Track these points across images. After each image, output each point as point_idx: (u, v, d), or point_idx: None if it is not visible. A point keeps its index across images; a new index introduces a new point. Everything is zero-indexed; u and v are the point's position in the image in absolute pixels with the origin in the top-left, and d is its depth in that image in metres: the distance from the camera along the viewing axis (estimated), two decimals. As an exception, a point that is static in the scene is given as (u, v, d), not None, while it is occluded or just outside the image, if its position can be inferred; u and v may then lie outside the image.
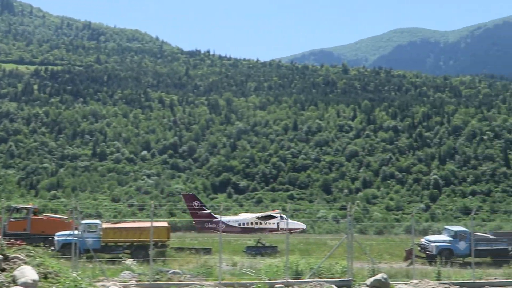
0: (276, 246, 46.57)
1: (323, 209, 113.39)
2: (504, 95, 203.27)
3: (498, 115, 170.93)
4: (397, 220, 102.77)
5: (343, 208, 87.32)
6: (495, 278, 30.49)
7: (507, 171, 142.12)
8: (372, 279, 25.56)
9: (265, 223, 58.56)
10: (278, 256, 38.93)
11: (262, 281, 25.99)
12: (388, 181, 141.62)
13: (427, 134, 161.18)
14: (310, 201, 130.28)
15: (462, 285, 27.82)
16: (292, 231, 56.45)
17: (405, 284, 27.36)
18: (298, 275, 27.84)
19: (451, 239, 44.29)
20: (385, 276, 25.68)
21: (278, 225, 58.79)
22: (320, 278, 27.28)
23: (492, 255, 43.28)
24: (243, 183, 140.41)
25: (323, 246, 45.93)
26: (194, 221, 61.96)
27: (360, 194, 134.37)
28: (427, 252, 43.72)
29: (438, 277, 29.50)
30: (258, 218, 60.14)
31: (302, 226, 63.77)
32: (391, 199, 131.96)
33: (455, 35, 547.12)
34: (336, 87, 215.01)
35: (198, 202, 63.32)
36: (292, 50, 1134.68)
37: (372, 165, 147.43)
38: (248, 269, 30.08)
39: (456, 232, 44.87)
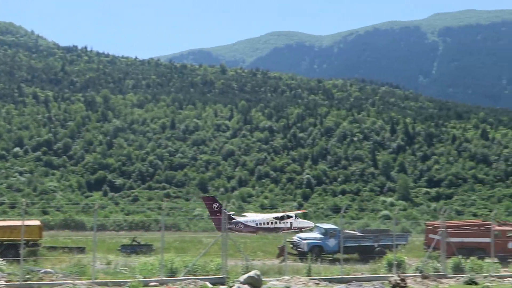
0: (152, 245, 46.47)
1: (199, 208, 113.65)
2: (373, 99, 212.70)
3: (368, 117, 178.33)
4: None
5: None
6: (362, 274, 31.92)
7: (374, 171, 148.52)
8: (245, 276, 26.13)
9: (281, 223, 59.04)
10: (153, 254, 38.90)
11: (136, 280, 25.98)
12: (263, 180, 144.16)
13: (301, 134, 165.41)
14: (187, 200, 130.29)
15: (331, 281, 28.93)
16: (302, 229, 57.30)
17: (277, 280, 28.20)
18: (173, 273, 28.05)
19: (321, 236, 45.82)
20: (258, 272, 26.34)
21: (291, 224, 59.30)
22: (195, 275, 27.60)
23: (359, 252, 45.24)
24: (119, 181, 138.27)
25: (198, 244, 46.29)
26: (214, 222, 62.17)
27: (236, 192, 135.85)
28: (299, 249, 44.99)
29: (309, 273, 30.49)
30: (275, 218, 60.62)
31: (311, 224, 65.07)
32: (266, 197, 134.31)
33: (329, 40, 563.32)
34: (214, 87, 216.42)
35: (217, 204, 63.87)
36: (171, 49, 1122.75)
37: (248, 164, 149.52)
38: (123, 268, 29.95)
39: (326, 230, 46.53)
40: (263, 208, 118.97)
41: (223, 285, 26.48)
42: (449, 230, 39.69)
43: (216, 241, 30.69)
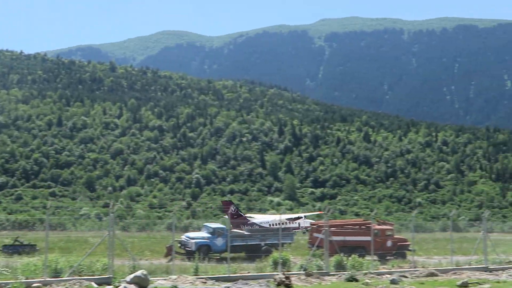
0: (35, 245, 45.25)
1: (86, 207, 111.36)
2: (262, 101, 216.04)
3: (256, 118, 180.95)
4: (160, 218, 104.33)
5: (106, 205, 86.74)
6: (248, 272, 32.40)
7: (262, 172, 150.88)
8: (132, 275, 25.98)
9: (291, 223, 61.08)
10: (37, 255, 37.91)
11: (18, 281, 25.32)
12: (152, 179, 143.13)
13: (190, 134, 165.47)
14: (73, 199, 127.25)
15: (218, 279, 29.26)
16: (307, 228, 59.43)
17: (165, 279, 28.23)
18: (57, 273, 27.49)
19: (209, 235, 46.13)
20: (144, 272, 26.26)
21: (299, 224, 61.75)
22: (80, 276, 27.21)
23: (246, 251, 45.92)
24: (1, 179, 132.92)
25: (84, 244, 45.54)
26: (232, 224, 63.26)
27: (124, 192, 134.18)
28: (187, 248, 45.07)
29: (196, 272, 30.69)
30: (287, 219, 62.49)
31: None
32: (155, 197, 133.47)
33: (219, 41, 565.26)
34: (103, 84, 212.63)
35: (234, 207, 64.21)
36: (58, 44, 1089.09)
37: (136, 163, 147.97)
38: (4, 269, 29.05)
39: (214, 229, 46.88)
40: (152, 208, 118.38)
41: (109, 285, 26.23)
42: (332, 229, 41.02)
43: (102, 241, 30.34)
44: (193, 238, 45.92)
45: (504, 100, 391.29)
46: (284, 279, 27.37)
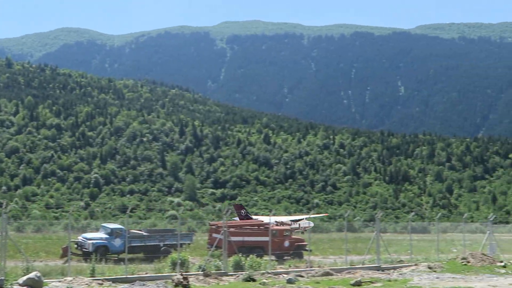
0: None
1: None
2: (163, 101, 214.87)
3: (157, 119, 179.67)
4: (56, 218, 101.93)
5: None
6: (146, 273, 32.29)
7: (163, 172, 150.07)
8: (25, 277, 25.45)
9: (294, 224, 64.33)
10: None
11: None
12: (49, 179, 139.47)
13: (90, 133, 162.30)
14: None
15: (115, 281, 29.03)
16: (306, 229, 62.03)
17: (60, 281, 27.73)
18: None
19: (107, 236, 45.54)
20: (38, 274, 25.77)
21: (299, 225, 65.39)
22: (-30, 278, 26.37)
23: (145, 251, 45.65)
24: None
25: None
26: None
27: (19, 191, 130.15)
28: (84, 249, 44.33)
29: (93, 273, 30.30)
30: (291, 220, 66.55)
31: (311, 224, 68.61)
32: (52, 197, 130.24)
33: (121, 39, 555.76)
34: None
35: (244, 210, 66.65)
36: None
37: (33, 162, 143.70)
38: None
39: (112, 229, 46.32)
40: (48, 208, 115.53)
41: (1, 287, 25.57)
42: (231, 229, 41.45)
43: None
44: (90, 239, 45.17)
45: (398, 106, 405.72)
46: (182, 280, 27.50)
